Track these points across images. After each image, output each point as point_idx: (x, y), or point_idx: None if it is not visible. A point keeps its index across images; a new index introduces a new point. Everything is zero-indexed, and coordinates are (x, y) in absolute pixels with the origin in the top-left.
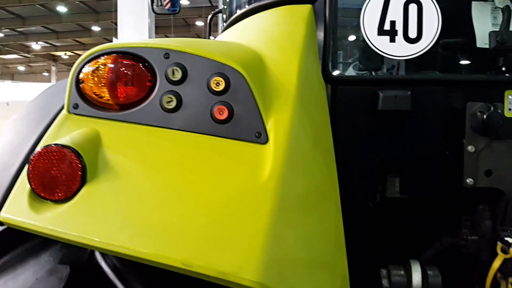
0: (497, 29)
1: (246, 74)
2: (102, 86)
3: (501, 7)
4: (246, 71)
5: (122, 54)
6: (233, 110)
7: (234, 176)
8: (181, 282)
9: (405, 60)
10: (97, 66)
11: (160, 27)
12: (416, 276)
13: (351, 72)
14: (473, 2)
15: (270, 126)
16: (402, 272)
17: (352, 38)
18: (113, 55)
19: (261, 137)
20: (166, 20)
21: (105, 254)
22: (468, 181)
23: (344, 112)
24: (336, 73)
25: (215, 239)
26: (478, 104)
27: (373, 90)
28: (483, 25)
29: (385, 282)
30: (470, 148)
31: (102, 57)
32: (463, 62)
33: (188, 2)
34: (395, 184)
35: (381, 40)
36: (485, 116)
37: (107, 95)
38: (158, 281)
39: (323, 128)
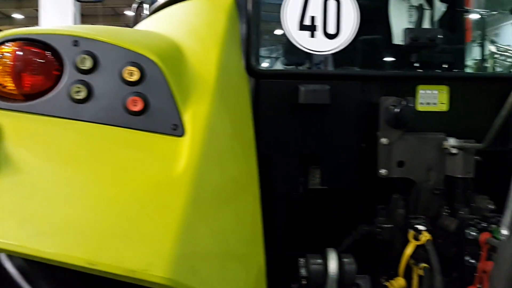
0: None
1: (163, 64)
2: (6, 74)
3: (416, 5)
4: (163, 61)
5: (28, 41)
6: (148, 101)
7: (147, 169)
8: (93, 280)
9: (325, 55)
10: (1, 53)
11: (87, 16)
12: (333, 264)
13: (273, 66)
14: (390, 0)
15: (187, 118)
16: (320, 261)
17: (274, 32)
18: (18, 42)
19: (177, 130)
20: (94, 9)
21: (11, 255)
22: (382, 171)
23: (266, 105)
24: (258, 66)
25: (123, 235)
26: (391, 99)
27: (295, 84)
28: (400, 23)
29: (303, 271)
30: (384, 140)
31: (7, 44)
32: (379, 58)
33: None
34: (316, 176)
35: (301, 35)
36: (397, 110)
37: (11, 84)
38: (67, 281)
39: (244, 121)
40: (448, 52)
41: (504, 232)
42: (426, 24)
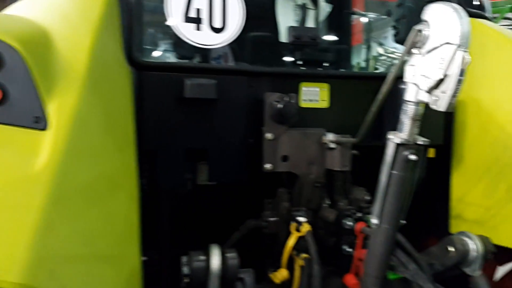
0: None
1: (24, 51)
2: None
3: (300, 4)
4: (25, 48)
5: None
6: (7, 91)
7: (2, 166)
8: None
9: (212, 49)
10: None
11: None
12: (215, 260)
13: (157, 58)
14: None
15: (52, 110)
16: (202, 258)
17: (158, 23)
18: None
19: (39, 122)
20: None
21: None
22: (267, 166)
23: (150, 99)
24: (141, 58)
25: None
26: (275, 95)
27: (180, 77)
28: (287, 21)
29: (186, 269)
30: (269, 135)
31: None
32: (265, 54)
33: None
34: (205, 172)
35: (187, 27)
36: (280, 106)
37: None
38: None
39: (121, 114)
40: (330, 51)
41: (374, 221)
42: (312, 24)
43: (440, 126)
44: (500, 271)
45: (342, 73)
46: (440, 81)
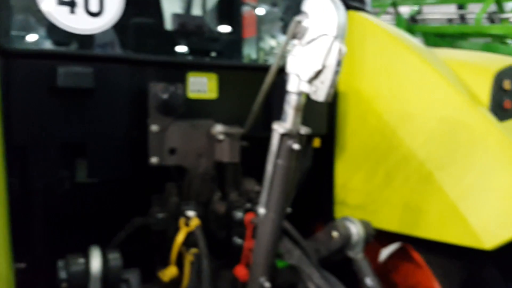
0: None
1: None
2: None
3: None
4: None
5: None
6: None
7: None
8: None
9: (89, 35)
10: None
11: None
12: (95, 262)
13: (26, 44)
14: None
15: None
16: (81, 260)
17: (26, 6)
18: None
19: None
20: None
21: None
22: (153, 160)
23: (19, 89)
24: (8, 44)
25: None
26: (160, 85)
27: (53, 65)
28: (174, 8)
29: (63, 273)
30: (154, 127)
31: None
32: (149, 42)
33: None
34: (85, 168)
35: (60, 10)
36: (166, 97)
37: None
38: None
39: None
40: (219, 41)
41: (261, 210)
42: (199, 12)
43: (324, 117)
44: (384, 253)
45: (231, 63)
46: (319, 72)
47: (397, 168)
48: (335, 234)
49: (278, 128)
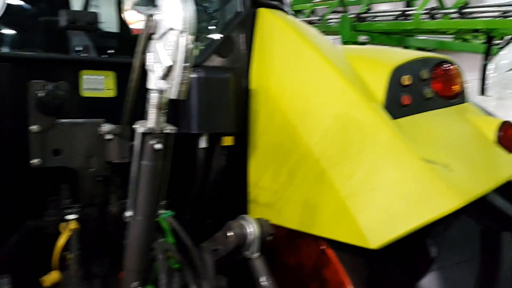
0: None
1: None
2: None
3: None
4: None
5: None
6: None
7: None
8: None
9: None
10: None
11: None
12: None
13: None
14: None
15: None
16: None
17: None
18: None
19: None
20: None
21: None
22: (35, 161)
23: None
24: None
25: None
26: (39, 83)
27: None
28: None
29: None
30: (34, 128)
31: None
32: (34, 39)
33: None
34: None
35: None
36: (42, 95)
37: None
38: None
39: None
40: (116, 37)
41: (129, 213)
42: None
43: (232, 115)
44: None
45: (127, 60)
46: (171, 68)
47: (297, 166)
48: (230, 233)
49: (140, 127)
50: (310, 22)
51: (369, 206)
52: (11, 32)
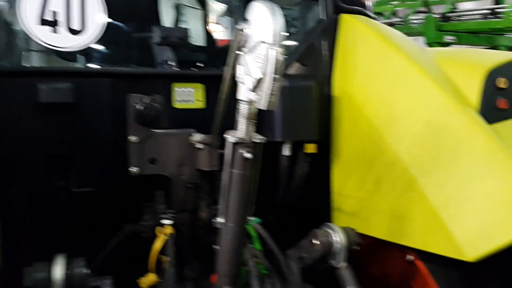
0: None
1: None
2: None
3: (179, 4)
4: None
5: None
6: None
7: None
8: None
9: (70, 51)
10: None
11: None
12: (58, 270)
13: (9, 63)
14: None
15: None
16: (45, 268)
17: (9, 27)
18: None
19: None
20: None
21: None
22: (133, 169)
23: (4, 106)
24: None
25: None
26: (137, 96)
27: (34, 82)
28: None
29: (28, 280)
30: (133, 138)
31: None
32: (132, 55)
33: None
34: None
35: (42, 30)
36: (140, 108)
37: None
38: None
39: None
40: (203, 51)
41: (220, 220)
42: (200, 24)
43: (315, 122)
44: None
45: (215, 72)
46: (261, 80)
47: (384, 174)
48: (316, 242)
49: (230, 137)
50: (391, 24)
51: (465, 216)
52: (110, 49)
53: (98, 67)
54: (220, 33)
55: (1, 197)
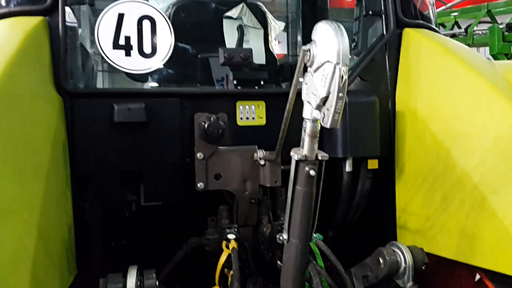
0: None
1: None
2: None
3: (242, 24)
4: None
5: None
6: None
7: None
8: None
9: (141, 73)
10: None
11: None
12: (130, 282)
13: (87, 84)
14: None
15: None
16: (118, 279)
17: (87, 51)
18: None
19: None
20: None
21: None
22: (199, 185)
23: (81, 125)
24: (70, 86)
25: None
26: (203, 115)
27: (110, 102)
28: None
29: None
30: (199, 155)
31: None
32: (198, 75)
33: None
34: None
35: (116, 54)
36: (206, 126)
37: None
38: None
39: (29, 143)
40: (264, 69)
41: (284, 236)
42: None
43: (377, 138)
44: None
45: (276, 90)
46: (326, 99)
47: (452, 191)
48: (381, 261)
49: (295, 155)
50: (453, 35)
51: None
52: (177, 69)
53: (167, 87)
54: (277, 48)
55: (76, 210)
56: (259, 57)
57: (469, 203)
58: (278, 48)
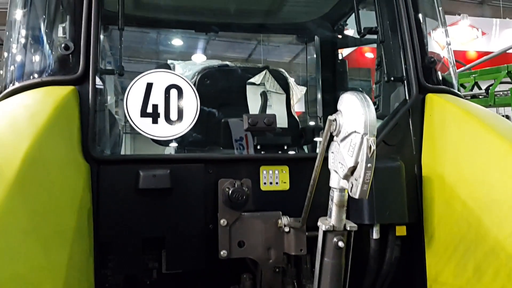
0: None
1: None
2: None
3: (265, 90)
4: None
5: None
6: None
7: None
8: None
9: (167, 141)
10: None
11: None
12: None
13: (114, 152)
14: (248, 87)
15: None
16: None
17: (115, 118)
18: None
19: None
20: None
21: None
22: (222, 253)
23: (107, 192)
24: (97, 153)
25: None
26: (227, 181)
27: (136, 169)
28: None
29: None
30: (222, 221)
31: None
32: (221, 140)
33: None
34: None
35: (143, 122)
36: (230, 192)
37: None
38: None
39: (58, 209)
40: (286, 134)
41: None
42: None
43: (404, 204)
44: None
45: (299, 155)
46: (354, 169)
47: (486, 261)
48: None
49: (322, 225)
50: (473, 96)
51: None
52: (201, 134)
53: (192, 153)
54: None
55: (97, 278)
56: (281, 121)
57: (504, 274)
58: (297, 106)
